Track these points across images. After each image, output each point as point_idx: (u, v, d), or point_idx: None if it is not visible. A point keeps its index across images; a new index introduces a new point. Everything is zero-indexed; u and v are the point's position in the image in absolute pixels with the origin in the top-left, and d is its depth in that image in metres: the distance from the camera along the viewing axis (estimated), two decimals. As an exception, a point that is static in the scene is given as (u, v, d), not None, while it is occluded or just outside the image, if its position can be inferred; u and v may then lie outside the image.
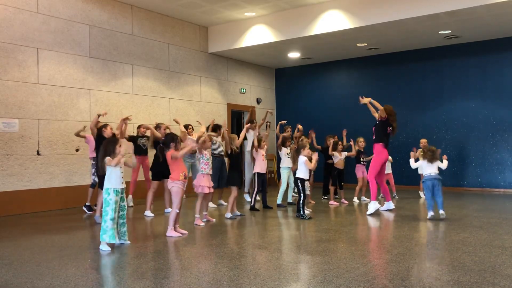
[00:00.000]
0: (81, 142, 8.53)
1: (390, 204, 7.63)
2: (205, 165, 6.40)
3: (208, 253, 4.78)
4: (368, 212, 7.26)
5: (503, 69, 10.57)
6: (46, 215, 7.67)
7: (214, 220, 6.85)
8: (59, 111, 8.43)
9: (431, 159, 6.81)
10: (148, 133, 8.20)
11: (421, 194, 9.54)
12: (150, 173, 7.67)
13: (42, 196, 8.06)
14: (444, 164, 6.94)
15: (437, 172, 6.80)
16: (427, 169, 6.84)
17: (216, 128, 8.33)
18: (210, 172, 6.50)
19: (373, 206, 7.21)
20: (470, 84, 10.98)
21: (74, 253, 4.84)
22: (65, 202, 8.37)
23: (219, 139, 8.23)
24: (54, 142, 8.31)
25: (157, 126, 7.63)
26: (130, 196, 8.51)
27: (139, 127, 8.66)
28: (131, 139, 8.24)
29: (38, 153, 8.06)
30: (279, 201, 8.36)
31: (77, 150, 8.62)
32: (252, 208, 7.85)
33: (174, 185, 5.70)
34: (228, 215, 7.02)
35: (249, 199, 8.78)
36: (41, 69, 8.19)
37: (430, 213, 6.71)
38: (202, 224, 6.42)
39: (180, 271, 4.12)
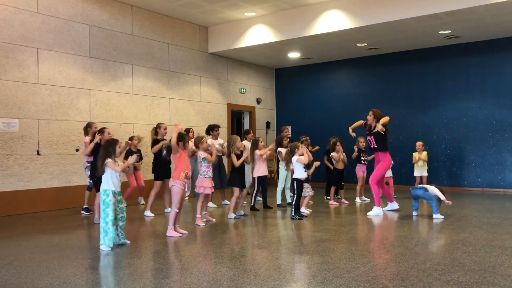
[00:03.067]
0: (81, 142, 8.56)
1: (394, 205, 7.63)
2: (206, 168, 6.45)
3: (208, 253, 4.78)
4: (368, 213, 7.27)
5: (503, 69, 10.56)
6: (46, 215, 7.67)
7: (214, 220, 6.85)
8: (59, 111, 8.42)
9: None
10: (139, 146, 8.48)
11: None
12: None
13: (42, 196, 8.06)
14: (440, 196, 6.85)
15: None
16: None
17: (209, 129, 8.63)
18: (211, 175, 6.53)
19: (376, 211, 7.20)
20: (470, 84, 10.97)
21: (74, 253, 4.84)
22: (65, 202, 8.37)
23: (219, 141, 8.47)
24: (54, 142, 8.31)
25: (157, 126, 7.79)
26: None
27: (130, 139, 8.17)
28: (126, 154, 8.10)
29: (38, 153, 8.06)
30: (278, 201, 8.37)
31: (77, 150, 8.62)
32: (252, 208, 7.85)
33: (174, 184, 5.70)
34: (232, 215, 7.02)
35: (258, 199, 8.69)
36: (41, 69, 8.18)
37: (414, 213, 7.12)
38: (202, 224, 6.42)
39: (180, 271, 4.12)
